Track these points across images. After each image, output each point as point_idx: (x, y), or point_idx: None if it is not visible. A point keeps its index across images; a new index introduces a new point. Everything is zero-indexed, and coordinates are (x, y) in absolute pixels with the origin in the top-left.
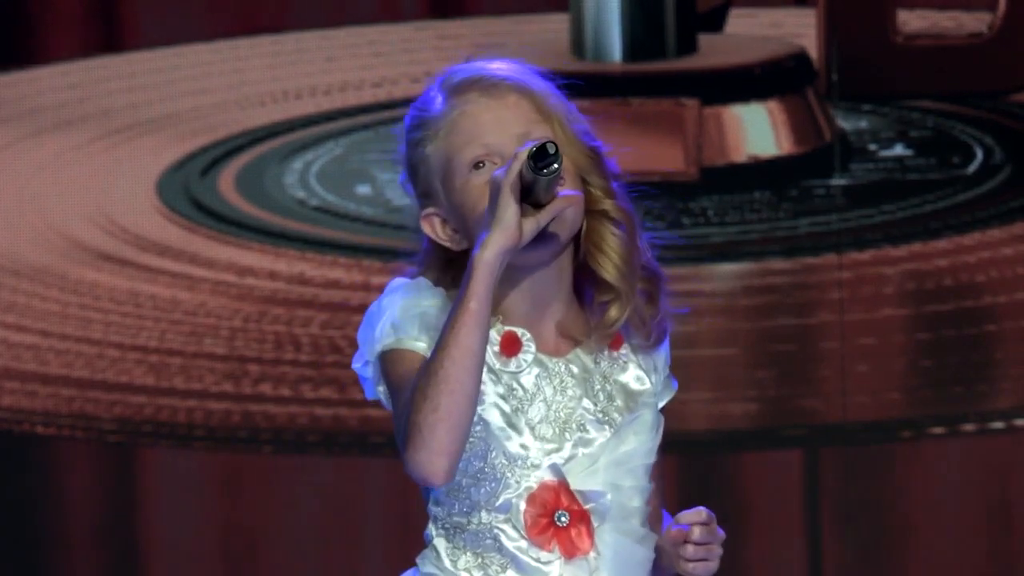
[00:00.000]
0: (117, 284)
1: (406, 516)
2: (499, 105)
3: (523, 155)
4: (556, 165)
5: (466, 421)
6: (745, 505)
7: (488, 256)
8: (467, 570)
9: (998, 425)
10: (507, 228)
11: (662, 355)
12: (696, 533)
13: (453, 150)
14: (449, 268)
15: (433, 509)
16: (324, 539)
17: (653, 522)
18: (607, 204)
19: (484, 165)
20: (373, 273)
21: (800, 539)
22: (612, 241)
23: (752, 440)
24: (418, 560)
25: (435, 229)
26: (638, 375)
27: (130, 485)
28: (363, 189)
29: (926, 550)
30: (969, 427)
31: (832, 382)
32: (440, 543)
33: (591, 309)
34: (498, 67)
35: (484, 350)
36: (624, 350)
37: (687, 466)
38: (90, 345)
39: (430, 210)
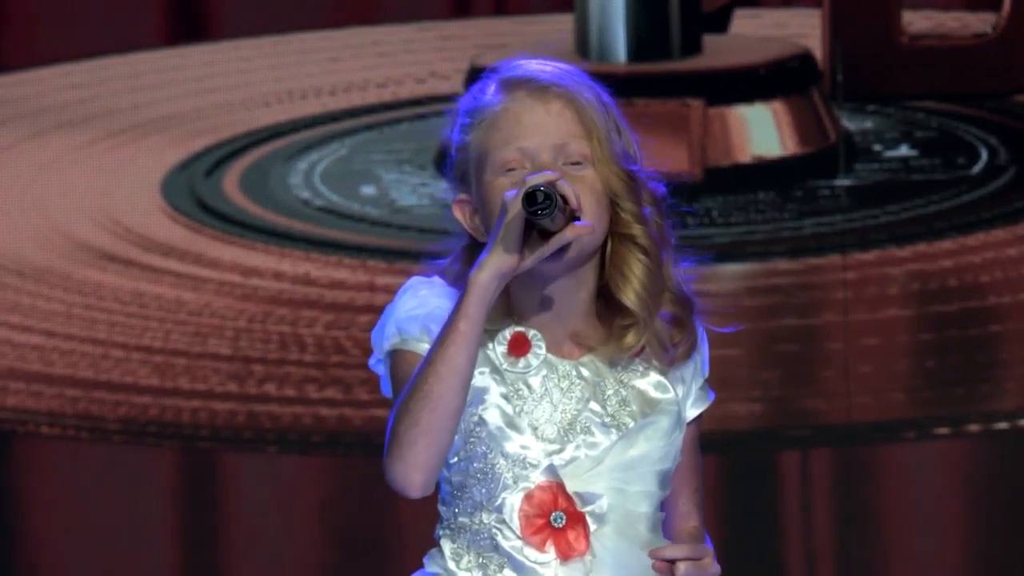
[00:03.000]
0: (121, 284)
1: (415, 517)
2: (543, 110)
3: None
4: (547, 211)
5: (446, 437)
6: (746, 506)
7: (483, 278)
8: (468, 570)
9: (1002, 426)
10: (505, 253)
11: (691, 367)
12: (681, 570)
13: (490, 145)
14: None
15: (441, 509)
16: (327, 539)
17: (686, 535)
18: (636, 230)
19: (515, 169)
20: (378, 274)
21: (801, 540)
22: (636, 268)
23: (756, 440)
24: (425, 559)
25: (465, 216)
26: (660, 382)
27: (134, 485)
28: (368, 189)
29: (928, 551)
30: (973, 428)
31: (836, 383)
32: (445, 543)
33: (610, 330)
34: (553, 70)
35: (472, 368)
36: (646, 357)
37: None
38: (95, 345)
39: (463, 197)
